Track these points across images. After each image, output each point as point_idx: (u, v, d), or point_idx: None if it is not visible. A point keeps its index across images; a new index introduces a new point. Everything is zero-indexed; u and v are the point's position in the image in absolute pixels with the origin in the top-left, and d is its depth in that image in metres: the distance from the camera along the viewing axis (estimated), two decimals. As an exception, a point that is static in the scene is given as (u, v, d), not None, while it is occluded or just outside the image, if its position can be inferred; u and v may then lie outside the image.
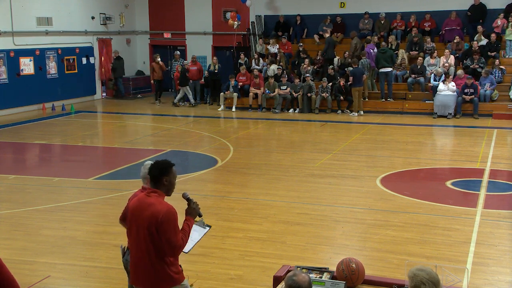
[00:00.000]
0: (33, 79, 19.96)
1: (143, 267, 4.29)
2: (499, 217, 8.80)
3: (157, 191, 4.32)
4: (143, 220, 4.23)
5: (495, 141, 14.43)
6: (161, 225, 4.17)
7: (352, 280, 4.31)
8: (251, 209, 9.14)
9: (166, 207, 4.22)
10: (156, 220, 4.17)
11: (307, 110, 19.09)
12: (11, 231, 8.35)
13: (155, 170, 4.34)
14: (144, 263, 4.27)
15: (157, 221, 4.17)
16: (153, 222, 4.19)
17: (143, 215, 4.25)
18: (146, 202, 4.28)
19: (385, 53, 19.11)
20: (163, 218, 4.17)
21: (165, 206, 4.23)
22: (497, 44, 19.28)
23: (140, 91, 24.31)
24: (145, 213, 4.24)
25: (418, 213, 8.93)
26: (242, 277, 6.65)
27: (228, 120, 18.76)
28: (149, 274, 4.28)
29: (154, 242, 4.21)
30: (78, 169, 12.00)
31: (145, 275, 4.30)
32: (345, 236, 8.08)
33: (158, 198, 4.29)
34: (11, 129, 16.74)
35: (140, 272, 4.33)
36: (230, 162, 12.39)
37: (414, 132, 15.96)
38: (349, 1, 22.30)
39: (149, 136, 16.49)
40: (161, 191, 4.32)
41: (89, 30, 22.51)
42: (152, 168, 4.36)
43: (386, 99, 19.06)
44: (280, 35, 22.04)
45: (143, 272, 4.30)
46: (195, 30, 24.46)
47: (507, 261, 7.13)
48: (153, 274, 4.27)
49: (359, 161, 12.58)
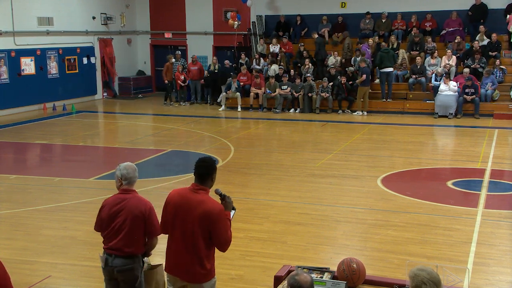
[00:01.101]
0: (34, 79, 19.97)
1: (187, 260, 4.43)
2: (500, 217, 8.80)
3: (204, 188, 4.47)
4: (193, 217, 4.37)
5: (496, 141, 14.42)
6: (215, 224, 4.36)
7: (353, 280, 4.31)
8: (252, 209, 9.13)
9: (218, 206, 4.43)
10: (210, 218, 4.35)
11: (308, 110, 19.09)
12: (12, 231, 8.35)
13: (203, 168, 4.48)
14: (189, 257, 4.42)
15: (210, 220, 4.35)
16: (206, 220, 4.35)
17: (193, 211, 4.38)
18: (196, 199, 4.41)
19: (388, 53, 19.11)
20: (217, 218, 4.37)
21: (217, 205, 4.43)
22: (498, 44, 19.27)
23: (141, 91, 24.31)
24: (196, 210, 4.38)
25: (419, 213, 8.92)
26: (243, 277, 6.65)
27: (229, 120, 18.76)
28: (194, 267, 4.43)
29: (204, 238, 4.38)
30: (79, 169, 12.00)
31: (188, 268, 4.44)
32: (346, 236, 8.07)
33: (206, 195, 4.46)
34: (12, 129, 16.75)
35: (182, 265, 4.46)
36: (231, 162, 12.39)
37: (415, 132, 15.96)
38: (350, 1, 22.29)
39: (150, 136, 16.50)
40: (208, 188, 4.49)
41: (90, 30, 22.52)
42: (200, 165, 4.49)
43: (386, 99, 19.06)
44: (281, 35, 22.04)
45: (186, 265, 4.44)
46: (196, 30, 24.46)
47: (508, 261, 7.12)
48: (198, 267, 4.43)
49: (360, 161, 12.57)
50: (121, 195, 4.86)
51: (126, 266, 4.76)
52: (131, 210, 4.75)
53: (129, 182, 4.88)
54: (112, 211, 4.81)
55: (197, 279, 4.48)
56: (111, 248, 4.79)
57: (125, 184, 4.87)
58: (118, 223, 4.76)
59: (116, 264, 4.76)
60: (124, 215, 4.76)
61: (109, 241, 4.81)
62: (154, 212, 4.81)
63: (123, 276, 4.80)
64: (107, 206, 4.87)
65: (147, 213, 4.75)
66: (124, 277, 4.80)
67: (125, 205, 4.78)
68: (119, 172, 4.88)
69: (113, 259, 4.77)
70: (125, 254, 4.75)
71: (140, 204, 4.78)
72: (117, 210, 4.79)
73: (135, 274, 4.80)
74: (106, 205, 4.88)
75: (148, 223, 4.77)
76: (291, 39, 22.12)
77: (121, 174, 4.87)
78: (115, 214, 4.79)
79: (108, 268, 4.83)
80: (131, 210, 4.75)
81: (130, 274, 4.78)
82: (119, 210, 4.78)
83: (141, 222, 4.75)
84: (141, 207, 4.76)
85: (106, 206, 4.87)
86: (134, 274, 4.80)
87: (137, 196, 4.88)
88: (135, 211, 4.73)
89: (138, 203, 4.79)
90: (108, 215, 4.82)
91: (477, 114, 17.57)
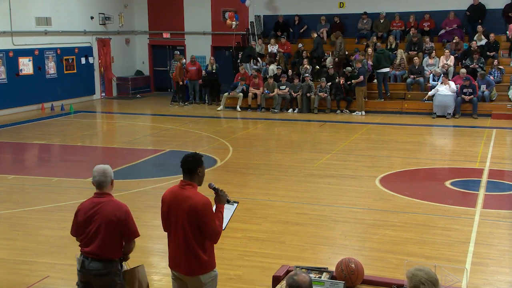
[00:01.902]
0: (32, 79, 19.95)
1: (183, 255, 4.57)
2: (498, 217, 8.81)
3: (191, 183, 4.58)
4: (182, 212, 4.51)
5: (494, 141, 14.44)
6: (200, 217, 4.47)
7: (351, 280, 4.31)
8: (250, 209, 9.13)
9: (202, 199, 4.52)
10: (196, 212, 4.46)
11: (306, 110, 19.10)
12: (11, 231, 8.34)
13: (189, 162, 4.58)
14: (184, 251, 4.55)
15: (196, 213, 4.46)
16: (193, 214, 4.47)
17: (181, 208, 4.52)
18: (184, 195, 4.54)
19: (383, 53, 19.16)
20: (202, 209, 4.47)
21: (201, 198, 4.52)
22: (496, 44, 19.29)
23: (139, 91, 24.30)
24: (183, 206, 4.51)
25: (417, 213, 8.93)
26: (242, 277, 6.66)
27: (227, 120, 18.76)
28: (188, 260, 4.56)
29: (193, 232, 4.50)
30: (77, 169, 11.99)
31: (185, 262, 4.57)
32: (345, 236, 8.08)
33: (192, 190, 4.57)
34: (10, 129, 16.73)
35: (180, 259, 4.60)
36: (229, 162, 12.40)
37: (414, 132, 15.97)
38: (348, 1, 22.30)
39: (148, 136, 16.49)
40: (195, 183, 4.60)
41: (88, 30, 22.51)
42: (186, 161, 4.59)
43: (384, 99, 19.09)
44: (279, 35, 22.04)
45: (183, 259, 4.58)
46: (194, 30, 24.45)
47: (506, 261, 7.14)
48: (192, 260, 4.55)
49: (358, 161, 12.58)
50: (96, 199, 4.78)
51: (103, 271, 4.68)
52: (106, 215, 4.66)
53: (99, 186, 4.78)
54: (87, 215, 4.73)
55: (193, 272, 4.58)
56: (88, 252, 4.72)
57: (97, 188, 4.80)
58: (93, 228, 4.68)
59: (93, 267, 4.69)
60: (99, 220, 4.67)
61: (86, 245, 4.74)
62: (130, 216, 4.74)
63: (100, 281, 4.70)
64: (82, 210, 4.79)
65: (122, 218, 4.67)
66: (100, 282, 4.71)
67: (100, 209, 4.70)
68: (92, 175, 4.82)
69: (89, 262, 4.69)
70: (102, 258, 4.68)
71: (115, 209, 4.68)
72: (92, 214, 4.71)
73: (113, 279, 4.72)
74: (82, 209, 4.80)
75: (124, 228, 4.69)
76: (289, 39, 22.13)
77: (93, 177, 4.80)
78: (90, 219, 4.71)
79: (84, 271, 4.75)
80: (106, 215, 4.66)
81: (107, 279, 4.70)
82: (94, 214, 4.70)
83: (116, 227, 4.65)
84: (116, 212, 4.67)
85: (81, 210, 4.79)
86: (112, 279, 4.72)
87: (113, 200, 4.78)
88: (110, 215, 4.63)
89: (113, 207, 4.69)
90: (83, 220, 4.74)
91: (475, 114, 17.60)
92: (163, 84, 25.19)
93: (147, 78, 25.50)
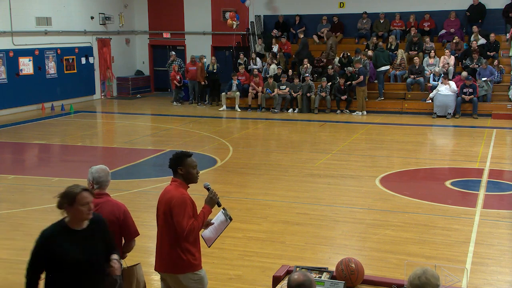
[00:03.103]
0: (32, 79, 19.95)
1: (163, 252, 4.62)
2: (498, 217, 8.81)
3: (176, 179, 4.68)
4: (162, 206, 4.62)
5: (494, 141, 14.44)
6: (172, 209, 4.51)
7: (351, 280, 4.31)
8: (250, 209, 9.14)
9: (180, 193, 4.58)
10: (170, 205, 4.53)
11: (307, 110, 19.10)
12: (11, 231, 8.35)
13: (171, 161, 4.71)
14: (163, 248, 4.61)
15: (170, 206, 4.53)
16: (167, 207, 4.55)
17: (162, 201, 4.64)
18: (166, 190, 4.67)
19: (383, 52, 19.18)
20: (175, 203, 4.51)
21: (179, 192, 4.57)
22: (496, 44, 19.29)
23: (139, 91, 24.30)
24: (163, 200, 4.63)
25: (417, 213, 8.93)
26: (242, 277, 6.66)
27: (227, 120, 18.76)
28: (167, 258, 4.60)
29: (169, 226, 4.55)
30: (77, 169, 11.97)
31: (164, 259, 4.63)
32: (345, 236, 8.08)
33: (175, 186, 4.64)
34: (10, 129, 16.74)
35: (160, 257, 4.66)
36: (230, 162, 12.40)
37: (414, 132, 15.97)
38: (348, 1, 22.30)
39: (148, 136, 16.50)
40: (181, 180, 4.67)
41: (88, 30, 22.51)
42: (169, 159, 4.73)
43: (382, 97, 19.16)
44: (279, 35, 22.03)
45: (162, 256, 4.63)
46: (195, 30, 24.46)
47: (506, 261, 7.14)
48: (169, 258, 4.59)
49: (358, 161, 12.58)
50: (94, 200, 4.69)
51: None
52: (105, 215, 4.58)
53: (100, 186, 4.77)
54: None
55: (169, 269, 4.62)
56: None
57: (96, 188, 4.76)
58: None
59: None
60: None
61: None
62: (129, 215, 4.75)
63: None
64: None
65: (121, 218, 4.68)
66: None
67: (98, 211, 4.64)
68: (90, 175, 4.78)
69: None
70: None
71: (113, 209, 4.67)
72: None
73: (113, 278, 4.61)
74: None
75: (123, 227, 4.70)
76: (289, 39, 22.13)
77: (93, 177, 4.77)
78: None
79: None
80: (105, 216, 4.59)
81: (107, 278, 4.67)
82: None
83: (115, 227, 4.65)
84: (115, 212, 4.67)
85: None
86: (112, 278, 4.61)
87: (111, 200, 4.78)
88: (109, 216, 4.59)
89: (111, 208, 4.68)
90: None
91: (475, 114, 17.60)
92: (163, 84, 25.19)
93: (147, 78, 25.51)
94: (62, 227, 4.04)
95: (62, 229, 4.04)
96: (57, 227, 4.05)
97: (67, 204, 4.00)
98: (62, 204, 4.02)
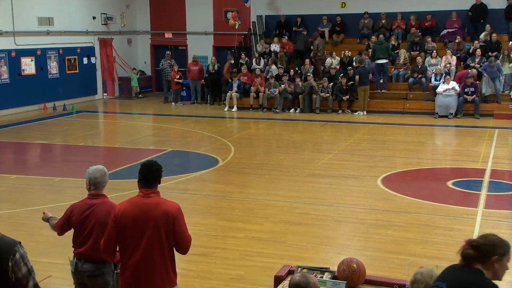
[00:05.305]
0: (34, 79, 19.97)
1: (154, 270, 4.19)
2: (500, 217, 8.80)
3: (155, 191, 4.31)
4: (153, 221, 4.15)
5: (496, 141, 14.42)
6: (175, 222, 4.17)
7: (353, 280, 4.31)
8: (252, 209, 9.14)
9: (174, 204, 4.26)
10: (171, 218, 4.16)
11: (308, 110, 19.09)
12: (12, 231, 8.33)
13: (151, 172, 4.32)
14: (154, 265, 4.18)
15: (171, 219, 4.16)
16: (167, 221, 4.16)
17: (151, 216, 4.17)
18: (151, 203, 4.22)
19: (381, 44, 19.17)
20: (177, 214, 4.19)
21: (173, 204, 4.27)
22: (498, 44, 19.26)
23: (141, 91, 24.29)
24: (153, 214, 4.17)
25: (419, 213, 8.92)
26: (243, 277, 6.65)
27: (229, 120, 18.76)
28: (160, 274, 4.19)
29: (168, 240, 4.18)
30: (79, 169, 11.94)
31: (156, 277, 4.20)
32: (346, 236, 8.08)
33: (159, 197, 4.29)
34: (12, 129, 16.75)
35: (149, 276, 4.19)
36: (231, 162, 12.39)
37: (415, 132, 15.95)
38: (350, 1, 22.29)
39: (150, 136, 16.50)
40: (157, 190, 4.33)
41: (90, 30, 22.53)
42: (150, 170, 4.32)
43: (381, 90, 19.13)
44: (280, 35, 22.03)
45: (153, 274, 4.19)
46: (196, 30, 24.46)
47: (508, 261, 7.11)
48: (164, 274, 4.20)
49: (360, 161, 12.57)
50: (89, 200, 4.76)
51: (96, 272, 4.69)
52: (99, 217, 4.64)
53: (96, 187, 4.75)
54: (81, 217, 4.72)
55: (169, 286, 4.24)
56: (81, 253, 4.72)
57: (93, 189, 4.76)
58: (87, 230, 4.68)
59: (86, 269, 4.70)
60: (92, 222, 4.67)
61: (79, 247, 4.74)
62: None
63: (93, 282, 4.71)
64: (76, 212, 4.77)
65: None
66: (94, 283, 4.71)
67: (93, 211, 4.68)
68: (87, 175, 4.76)
69: (82, 263, 4.71)
70: (94, 260, 4.68)
71: (109, 210, 4.59)
72: (86, 216, 4.70)
73: (106, 280, 4.72)
74: (75, 210, 4.78)
75: None
76: (291, 39, 22.13)
77: (89, 178, 4.74)
78: (83, 221, 4.70)
79: (77, 273, 4.76)
80: (99, 217, 4.64)
81: (100, 279, 4.71)
82: (87, 216, 4.69)
83: None
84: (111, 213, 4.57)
85: (75, 212, 4.77)
86: (105, 279, 4.72)
87: (106, 201, 4.75)
88: (104, 218, 4.55)
89: (106, 209, 4.63)
90: (77, 222, 4.73)
91: (477, 114, 17.58)
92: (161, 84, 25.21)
93: (149, 78, 25.52)
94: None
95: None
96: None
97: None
98: None
